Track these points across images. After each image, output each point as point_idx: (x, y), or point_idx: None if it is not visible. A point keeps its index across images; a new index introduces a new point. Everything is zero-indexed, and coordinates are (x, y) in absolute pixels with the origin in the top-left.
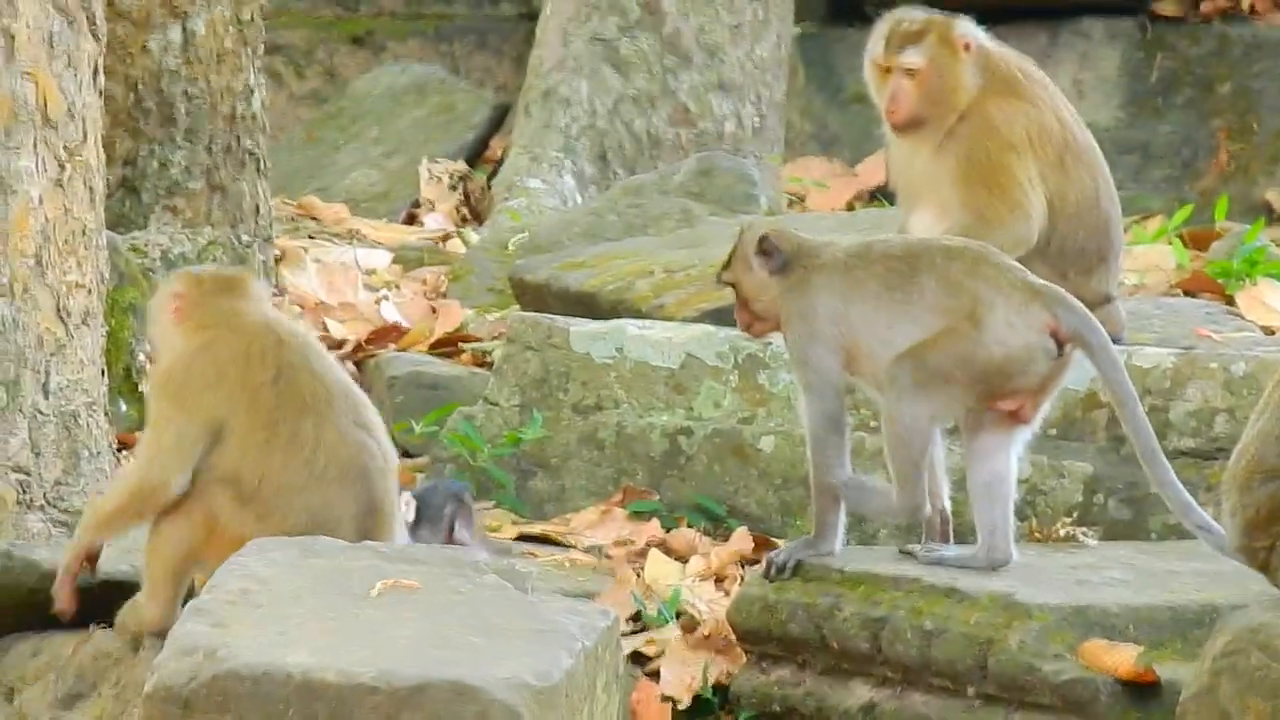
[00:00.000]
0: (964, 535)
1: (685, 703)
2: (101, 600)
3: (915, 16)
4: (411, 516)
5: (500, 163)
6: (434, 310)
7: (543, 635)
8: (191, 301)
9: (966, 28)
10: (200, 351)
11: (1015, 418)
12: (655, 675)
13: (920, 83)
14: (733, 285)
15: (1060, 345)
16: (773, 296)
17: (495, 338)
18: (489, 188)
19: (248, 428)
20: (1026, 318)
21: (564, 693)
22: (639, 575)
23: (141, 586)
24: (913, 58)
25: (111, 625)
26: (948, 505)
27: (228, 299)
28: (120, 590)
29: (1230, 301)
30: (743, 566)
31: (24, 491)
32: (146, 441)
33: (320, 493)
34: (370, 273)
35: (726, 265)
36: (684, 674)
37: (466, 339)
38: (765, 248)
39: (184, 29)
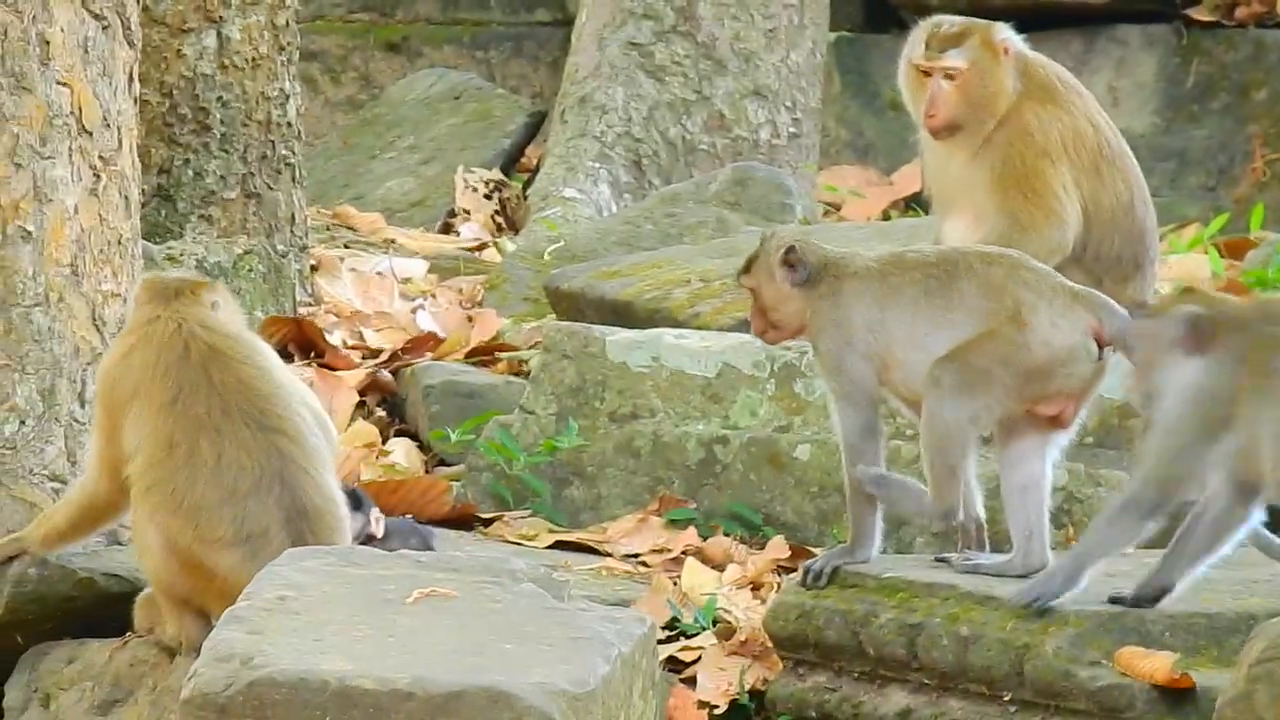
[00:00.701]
0: (999, 544)
1: (722, 709)
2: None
3: (955, 20)
4: (380, 533)
5: (536, 171)
6: (470, 319)
7: (579, 643)
8: (137, 304)
9: (1006, 32)
10: (121, 361)
11: (1055, 423)
12: (691, 682)
13: (961, 86)
14: (751, 290)
15: (1100, 348)
16: (795, 308)
17: (531, 346)
18: (525, 196)
19: (152, 447)
20: (1070, 319)
21: (600, 699)
22: (675, 583)
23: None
24: (955, 60)
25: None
26: (981, 513)
27: (164, 303)
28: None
29: None
30: (779, 574)
31: (60, 500)
32: (88, 449)
33: (237, 505)
34: (406, 281)
35: (746, 270)
36: (720, 680)
37: (503, 348)
38: (791, 259)
39: (219, 35)
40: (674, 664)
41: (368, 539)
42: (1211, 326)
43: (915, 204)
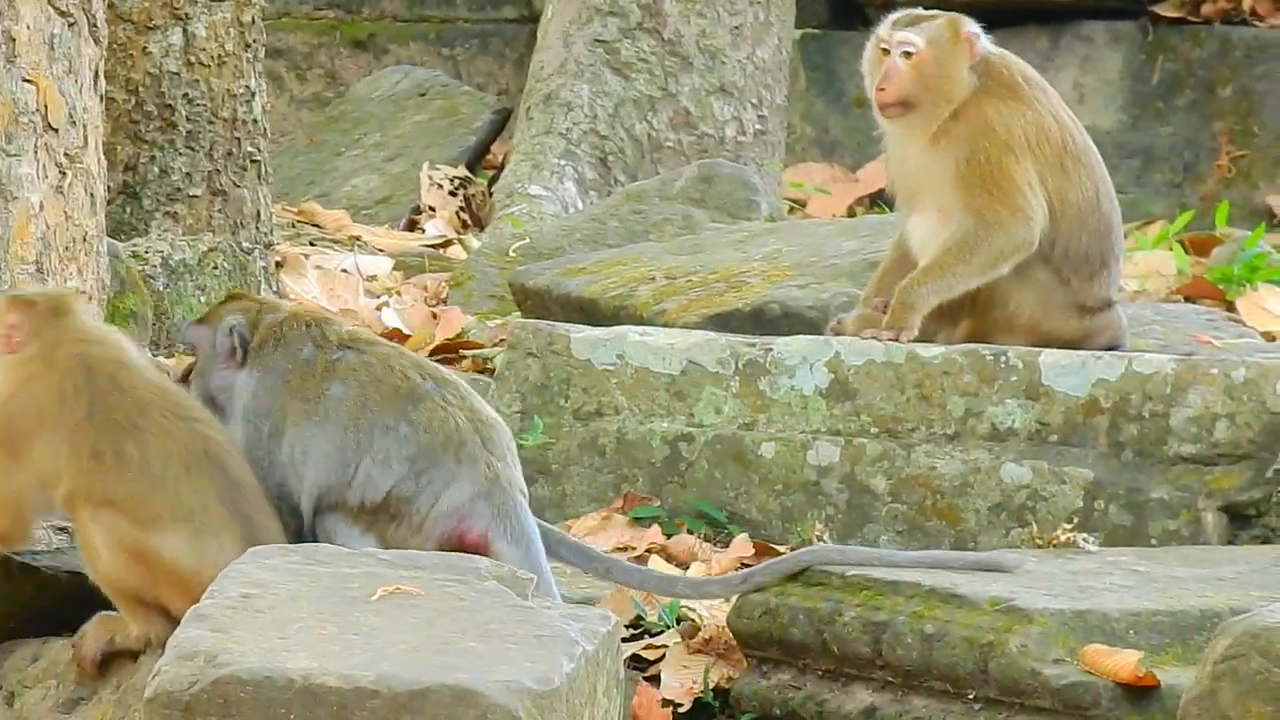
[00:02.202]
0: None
1: (686, 707)
2: (105, 606)
3: (926, 11)
4: None
5: (502, 168)
6: (435, 316)
7: (543, 640)
8: (24, 329)
9: (972, 26)
10: (20, 390)
11: None
12: (656, 680)
13: (916, 65)
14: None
15: None
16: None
17: (496, 344)
18: (490, 193)
19: (77, 462)
20: None
21: (564, 697)
22: None
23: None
24: (913, 37)
25: None
26: None
27: (51, 326)
28: None
29: (1231, 307)
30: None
31: None
32: None
33: (172, 489)
34: (371, 279)
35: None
36: (684, 678)
37: (467, 345)
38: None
39: (185, 32)
40: (638, 662)
41: None
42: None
43: (881, 201)
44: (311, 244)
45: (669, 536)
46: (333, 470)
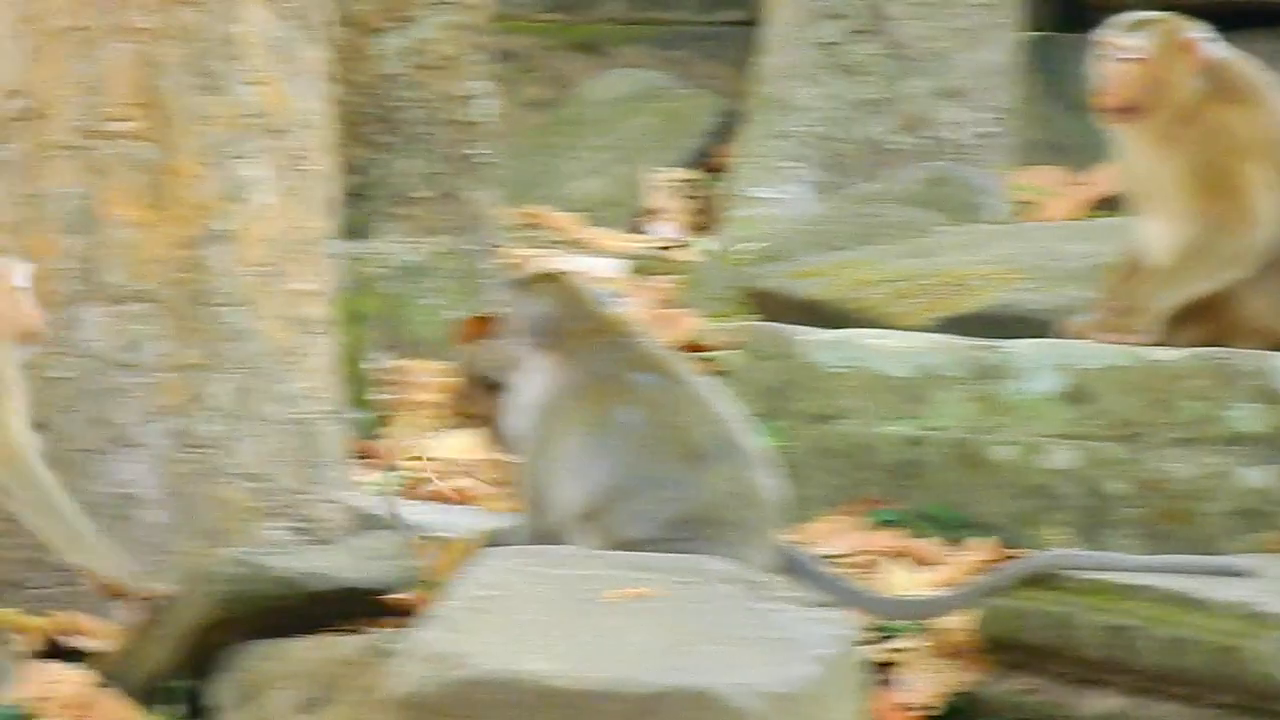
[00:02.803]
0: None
1: (925, 711)
2: (340, 608)
3: (1151, 14)
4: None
5: (727, 170)
6: (664, 320)
7: (781, 643)
8: None
9: (1196, 30)
10: None
11: None
12: (894, 684)
13: (1138, 70)
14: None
15: None
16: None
17: (725, 347)
18: (717, 196)
19: None
20: None
21: (803, 701)
22: (875, 585)
23: None
24: (1134, 42)
25: (351, 631)
26: None
27: None
28: (363, 596)
29: None
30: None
31: (260, 499)
32: None
33: None
34: (599, 282)
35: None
36: (924, 682)
37: (697, 348)
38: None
39: (411, 35)
40: (877, 666)
41: None
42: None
43: (1113, 204)
44: (539, 247)
45: (904, 540)
46: (593, 499)
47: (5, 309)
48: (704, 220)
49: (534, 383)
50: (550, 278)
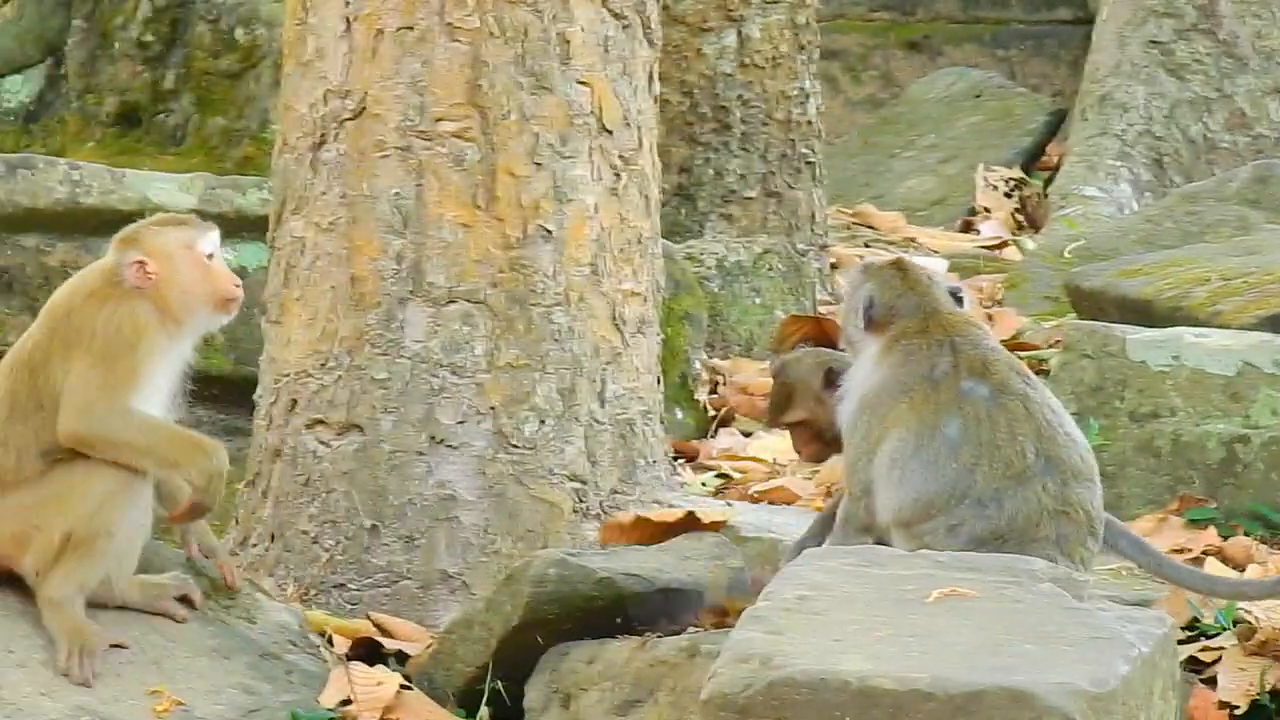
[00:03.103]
0: None
1: (1242, 709)
2: (662, 608)
3: None
4: None
5: (1056, 169)
6: (990, 318)
7: (1098, 642)
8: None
9: None
10: None
11: None
12: (1211, 682)
13: None
14: None
15: None
16: None
17: (1051, 345)
18: (1045, 195)
19: None
20: None
21: (1120, 699)
22: None
23: None
24: None
25: (669, 634)
26: None
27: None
28: (682, 597)
29: None
30: None
31: (580, 500)
32: None
33: None
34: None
35: None
36: (1241, 680)
37: (1022, 346)
38: None
39: (739, 34)
40: (1194, 664)
41: None
42: None
43: None
44: (866, 245)
45: (1225, 539)
46: (908, 508)
47: (196, 278)
48: (1030, 219)
49: (864, 371)
50: (895, 265)
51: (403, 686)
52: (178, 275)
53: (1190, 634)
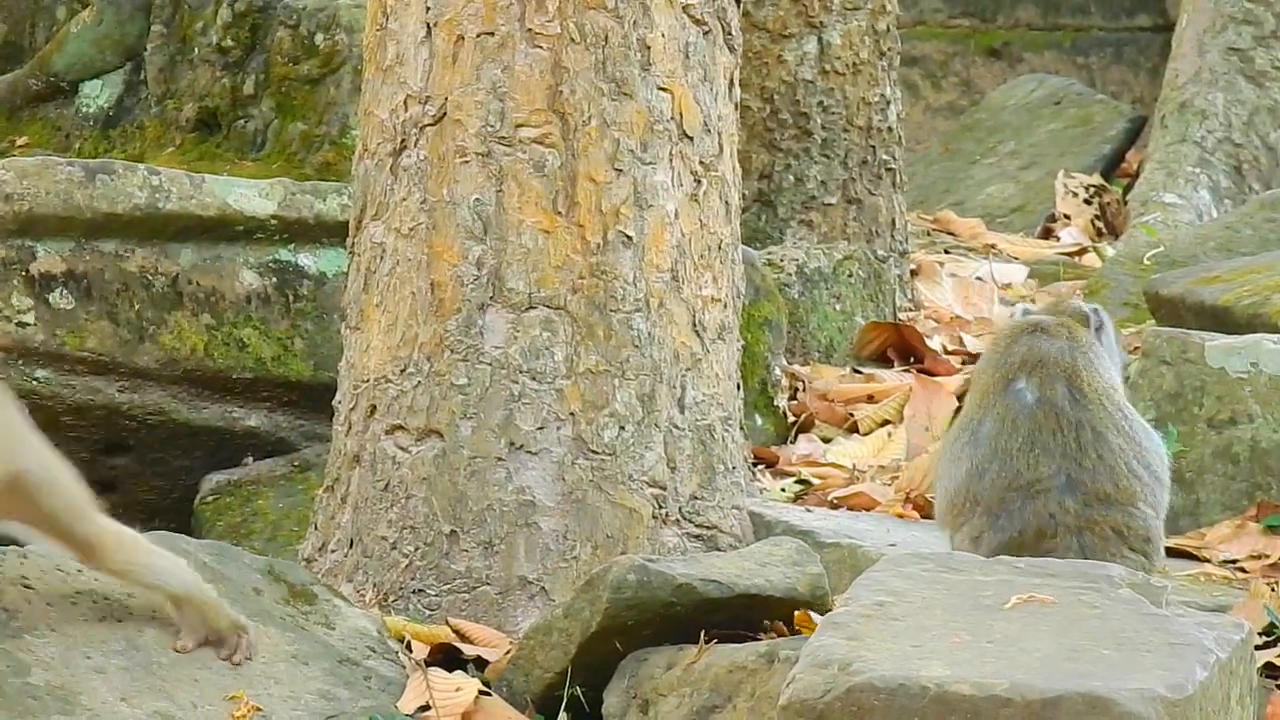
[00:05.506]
0: None
1: None
2: (740, 614)
3: None
4: None
5: (1136, 176)
6: None
7: (1176, 648)
8: None
9: None
10: None
11: None
12: None
13: None
14: None
15: None
16: None
17: (1131, 352)
18: (1124, 202)
19: None
20: None
21: (1197, 705)
22: (1273, 589)
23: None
24: None
25: (735, 640)
26: None
27: None
28: (761, 603)
29: None
30: None
31: (660, 506)
32: None
33: None
34: (1006, 287)
35: None
36: None
37: None
38: None
39: (820, 40)
40: (1272, 670)
41: None
42: None
43: None
44: (946, 252)
45: None
46: (944, 503)
47: None
48: (1109, 226)
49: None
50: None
51: (481, 692)
52: None
53: (1268, 639)
